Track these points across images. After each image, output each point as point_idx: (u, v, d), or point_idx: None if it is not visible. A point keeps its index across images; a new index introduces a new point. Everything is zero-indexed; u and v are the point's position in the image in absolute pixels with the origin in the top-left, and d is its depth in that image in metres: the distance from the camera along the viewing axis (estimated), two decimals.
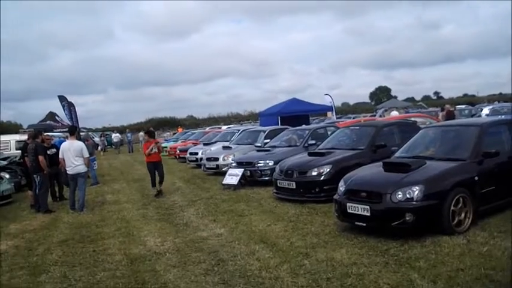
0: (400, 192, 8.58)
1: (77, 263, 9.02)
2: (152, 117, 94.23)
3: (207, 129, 44.81)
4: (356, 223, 9.17)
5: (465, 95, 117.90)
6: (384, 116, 34.41)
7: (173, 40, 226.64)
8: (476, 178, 9.13)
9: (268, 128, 23.18)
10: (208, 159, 21.97)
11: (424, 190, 8.47)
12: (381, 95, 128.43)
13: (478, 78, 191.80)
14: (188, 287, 7.27)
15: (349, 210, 9.21)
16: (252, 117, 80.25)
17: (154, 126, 64.19)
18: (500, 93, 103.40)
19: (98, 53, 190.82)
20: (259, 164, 16.90)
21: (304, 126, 23.27)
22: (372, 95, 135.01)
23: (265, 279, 7.25)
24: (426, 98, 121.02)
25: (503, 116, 26.22)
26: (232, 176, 16.84)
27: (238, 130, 27.26)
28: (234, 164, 18.04)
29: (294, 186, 13.23)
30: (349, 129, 15.96)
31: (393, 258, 7.69)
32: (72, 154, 13.97)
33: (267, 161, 16.81)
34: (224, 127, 44.32)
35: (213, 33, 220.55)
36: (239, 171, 16.80)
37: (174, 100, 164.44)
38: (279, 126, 24.53)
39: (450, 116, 24.92)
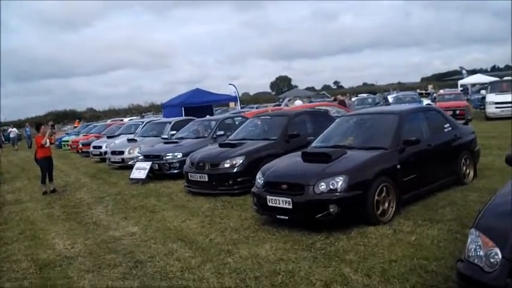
0: (323, 183, 8.24)
1: None
2: (51, 111, 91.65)
3: (109, 121, 43.68)
4: (278, 216, 8.79)
5: (365, 84, 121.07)
6: (288, 106, 34.40)
7: (69, 31, 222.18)
8: (398, 166, 8.97)
9: (173, 119, 22.58)
10: (113, 152, 21.13)
11: (348, 180, 8.18)
12: (282, 84, 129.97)
13: (376, 68, 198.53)
14: None
15: (269, 203, 8.80)
16: (154, 108, 79.37)
17: (54, 120, 62.28)
18: (399, 82, 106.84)
19: None
20: (167, 157, 16.32)
21: (210, 117, 22.87)
22: (273, 85, 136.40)
23: (189, 281, 6.75)
24: (326, 88, 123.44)
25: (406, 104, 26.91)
26: (140, 170, 16.20)
27: (142, 122, 26.55)
28: (141, 157, 17.36)
29: (206, 179, 12.75)
30: (259, 119, 15.63)
31: (321, 252, 7.37)
32: None
33: (176, 153, 16.26)
34: (126, 119, 43.35)
35: (111, 25, 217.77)
36: (147, 165, 16.18)
37: (72, 92, 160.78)
38: (185, 117, 23.98)
39: (342, 105, 24.93)
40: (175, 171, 15.91)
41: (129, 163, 19.12)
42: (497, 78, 39.69)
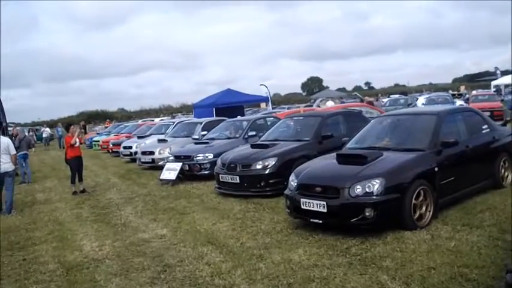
0: (358, 186, 8.00)
1: (4, 276, 7.97)
2: (83, 111, 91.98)
3: (140, 121, 43.70)
4: (311, 220, 8.53)
5: (396, 85, 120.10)
6: (320, 107, 34.10)
7: (100, 31, 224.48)
8: (436, 169, 8.65)
9: (204, 120, 22.39)
10: (144, 153, 21.06)
11: (385, 183, 7.92)
12: (313, 85, 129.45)
13: (407, 68, 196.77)
14: None
15: (303, 207, 8.56)
16: (184, 108, 79.36)
17: (85, 120, 62.64)
18: (431, 83, 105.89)
19: (22, 45, 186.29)
20: (198, 158, 16.16)
21: (241, 117, 22.69)
22: (304, 86, 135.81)
23: (219, 287, 6.56)
24: (358, 88, 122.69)
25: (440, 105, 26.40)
26: (170, 171, 16.05)
27: (173, 122, 26.45)
28: (171, 158, 17.22)
29: (238, 181, 12.56)
30: (292, 119, 15.39)
31: (356, 258, 7.13)
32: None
33: (206, 154, 16.09)
34: (157, 119, 43.33)
35: (141, 25, 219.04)
36: (177, 165, 16.03)
37: (103, 93, 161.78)
38: (216, 118, 23.78)
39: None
40: (206, 172, 15.73)
41: (159, 163, 18.96)
42: None
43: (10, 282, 7.62)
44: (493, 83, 59.32)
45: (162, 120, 39.68)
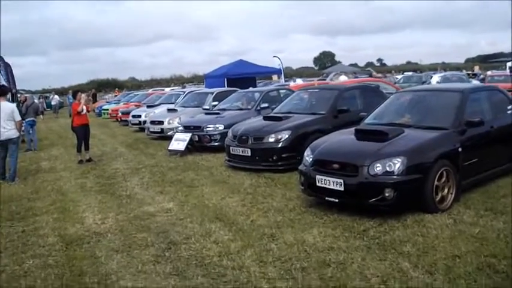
0: (379, 165, 7.53)
1: (2, 248, 7.56)
2: (94, 79, 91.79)
3: (150, 91, 43.32)
4: (327, 199, 8.08)
5: (408, 63, 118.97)
6: (333, 81, 33.63)
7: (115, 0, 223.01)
8: (459, 149, 8.17)
9: (216, 90, 21.95)
10: (152, 122, 20.63)
11: (407, 162, 7.44)
12: (325, 60, 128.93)
13: (420, 46, 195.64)
14: (135, 280, 6.02)
15: (318, 184, 8.11)
16: (196, 79, 79.01)
17: (96, 88, 62.38)
18: (443, 62, 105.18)
19: (37, 14, 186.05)
20: (208, 128, 15.77)
21: (253, 88, 22.24)
22: (316, 60, 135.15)
23: (227, 269, 6.09)
24: (370, 65, 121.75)
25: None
26: (179, 141, 15.63)
27: (183, 92, 26.01)
28: (180, 128, 16.79)
29: (249, 154, 12.16)
30: (307, 92, 14.92)
31: (374, 241, 6.68)
32: (3, 118, 12.35)
33: (217, 125, 15.69)
34: (168, 89, 42.93)
35: None
36: (186, 136, 15.61)
37: (115, 62, 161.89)
38: (228, 88, 23.30)
39: None
40: (216, 143, 15.37)
41: (168, 134, 18.65)
42: None
43: (7, 256, 7.19)
44: (508, 64, 58.63)
45: (172, 89, 39.30)
